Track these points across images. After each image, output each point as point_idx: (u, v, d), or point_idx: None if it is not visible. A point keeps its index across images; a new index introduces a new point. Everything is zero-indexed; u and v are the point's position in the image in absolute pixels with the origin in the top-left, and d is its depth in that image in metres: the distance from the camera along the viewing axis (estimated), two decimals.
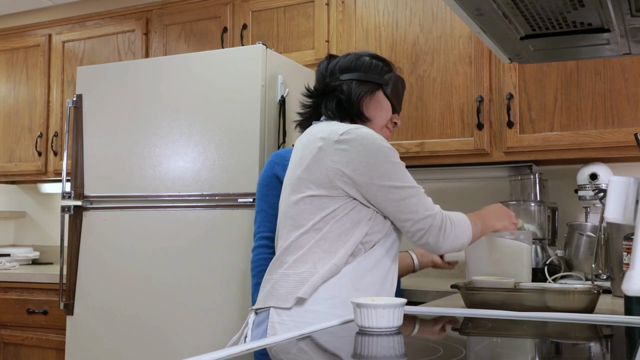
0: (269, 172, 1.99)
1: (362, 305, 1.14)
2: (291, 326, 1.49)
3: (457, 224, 1.59)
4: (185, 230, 2.49)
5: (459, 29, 2.67)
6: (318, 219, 1.55)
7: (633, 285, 1.34)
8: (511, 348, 1.11)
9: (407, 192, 1.53)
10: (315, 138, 1.58)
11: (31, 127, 3.66)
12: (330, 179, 1.53)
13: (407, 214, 1.53)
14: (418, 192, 1.55)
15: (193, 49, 3.22)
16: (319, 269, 1.53)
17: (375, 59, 1.69)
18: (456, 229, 1.58)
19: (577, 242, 2.43)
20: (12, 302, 3.15)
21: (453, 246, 1.59)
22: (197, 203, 2.48)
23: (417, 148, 2.69)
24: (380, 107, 1.67)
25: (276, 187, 1.95)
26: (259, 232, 1.97)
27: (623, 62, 2.41)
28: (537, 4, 1.22)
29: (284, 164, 1.95)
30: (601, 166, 2.48)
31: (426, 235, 1.54)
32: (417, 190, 1.55)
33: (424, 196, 1.56)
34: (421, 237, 1.54)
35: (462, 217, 1.62)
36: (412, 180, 1.56)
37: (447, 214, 1.58)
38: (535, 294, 1.62)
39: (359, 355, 1.03)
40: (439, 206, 1.59)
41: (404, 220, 1.54)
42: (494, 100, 2.60)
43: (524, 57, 1.56)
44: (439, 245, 1.56)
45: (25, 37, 3.74)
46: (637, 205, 1.45)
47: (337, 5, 2.90)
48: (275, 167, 1.99)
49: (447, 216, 1.57)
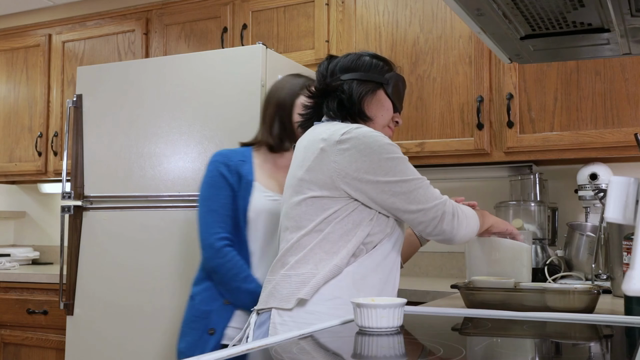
0: (214, 172, 1.96)
1: (362, 305, 1.14)
2: (293, 327, 1.49)
3: (465, 210, 1.62)
4: (185, 230, 2.49)
5: (459, 29, 2.67)
6: (320, 220, 1.55)
7: (633, 285, 1.35)
8: (511, 348, 1.11)
9: (415, 183, 1.54)
10: (316, 139, 1.58)
11: (31, 127, 3.66)
12: (332, 179, 1.53)
13: (418, 204, 1.53)
14: (424, 183, 1.56)
15: (193, 49, 3.22)
16: (320, 269, 1.53)
17: (375, 59, 1.69)
18: (467, 215, 1.61)
19: (577, 242, 2.44)
20: (12, 302, 3.15)
21: (466, 233, 1.60)
22: (197, 203, 2.48)
23: (417, 148, 2.69)
24: (382, 106, 1.67)
25: (223, 187, 1.94)
26: (215, 232, 1.91)
27: (623, 62, 2.41)
28: (537, 4, 1.22)
29: (229, 163, 1.95)
30: (601, 166, 2.48)
31: (440, 222, 1.54)
32: (423, 182, 1.56)
33: (431, 187, 1.57)
34: (435, 225, 1.55)
35: (467, 207, 1.66)
36: (417, 173, 1.57)
37: (455, 204, 1.61)
38: (535, 294, 1.62)
39: (359, 355, 1.03)
40: (447, 196, 1.61)
41: (416, 212, 1.54)
42: (494, 100, 2.60)
43: (524, 57, 1.56)
44: (454, 232, 1.57)
45: (25, 37, 3.75)
46: (637, 205, 1.45)
47: (337, 5, 2.90)
48: (221, 167, 1.96)
49: (457, 205, 1.60)
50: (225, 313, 1.93)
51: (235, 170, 1.96)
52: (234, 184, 1.95)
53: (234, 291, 1.91)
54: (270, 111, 2.04)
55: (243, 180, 1.95)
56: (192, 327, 1.96)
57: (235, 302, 1.93)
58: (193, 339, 1.94)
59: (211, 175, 1.97)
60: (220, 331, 1.92)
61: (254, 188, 1.95)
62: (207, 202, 1.95)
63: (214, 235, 1.91)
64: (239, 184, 1.95)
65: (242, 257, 1.93)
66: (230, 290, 1.92)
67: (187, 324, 1.98)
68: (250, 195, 1.94)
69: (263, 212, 1.95)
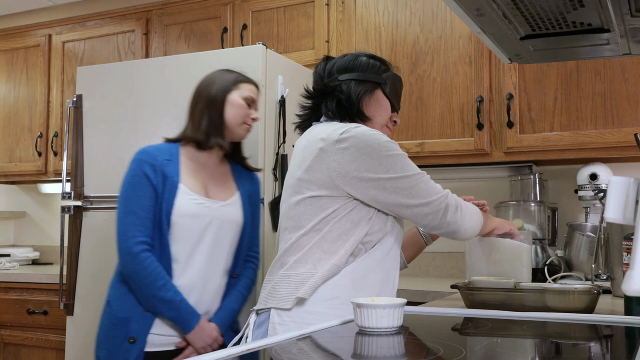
0: (138, 171, 1.87)
1: (362, 306, 1.14)
2: (292, 327, 1.49)
3: (468, 205, 1.63)
4: None
5: (459, 29, 2.67)
6: (318, 220, 1.55)
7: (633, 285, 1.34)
8: (511, 348, 1.11)
9: (416, 178, 1.54)
10: (315, 139, 1.58)
11: (31, 127, 3.66)
12: (332, 179, 1.53)
13: (421, 198, 1.54)
14: (425, 178, 1.57)
15: (193, 49, 3.22)
16: (319, 269, 1.53)
17: (372, 59, 1.70)
18: (470, 209, 1.61)
19: (577, 242, 2.43)
20: (12, 302, 3.15)
21: (470, 226, 1.61)
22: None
23: (417, 148, 2.69)
24: (380, 105, 1.68)
25: (145, 188, 1.85)
26: (133, 236, 1.83)
27: (623, 62, 2.41)
28: (537, 4, 1.22)
29: (154, 163, 1.88)
30: (601, 166, 2.48)
31: (444, 214, 1.55)
32: (424, 176, 1.57)
33: (432, 181, 1.58)
34: (440, 218, 1.55)
35: (469, 203, 1.66)
36: (417, 168, 1.57)
37: (456, 196, 1.61)
38: (535, 294, 1.62)
39: (359, 355, 1.03)
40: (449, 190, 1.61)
41: (419, 206, 1.54)
42: (494, 100, 2.60)
43: (524, 57, 1.56)
44: (459, 224, 1.57)
45: (25, 37, 3.75)
46: (637, 205, 1.45)
47: (337, 5, 2.90)
48: (145, 166, 1.87)
49: (458, 197, 1.61)
50: (146, 320, 1.86)
51: (160, 171, 1.88)
52: (158, 185, 1.86)
53: (150, 299, 1.84)
54: (200, 107, 1.97)
55: (168, 181, 1.87)
56: (111, 335, 1.87)
57: (152, 310, 1.85)
58: (113, 347, 1.85)
59: (133, 175, 1.88)
60: (143, 339, 1.85)
61: (179, 190, 1.88)
62: (126, 203, 1.87)
63: (131, 239, 1.83)
64: (163, 185, 1.87)
65: (163, 262, 1.85)
66: (146, 298, 1.84)
67: (105, 331, 1.89)
68: (174, 197, 1.86)
69: (187, 216, 1.87)
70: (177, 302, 1.84)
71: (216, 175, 2.00)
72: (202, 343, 1.88)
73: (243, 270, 2.02)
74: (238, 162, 2.08)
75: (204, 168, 1.97)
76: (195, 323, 1.86)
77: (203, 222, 1.90)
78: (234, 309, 1.98)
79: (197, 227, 1.89)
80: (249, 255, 2.04)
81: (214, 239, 1.92)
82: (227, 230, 1.95)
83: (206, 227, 1.90)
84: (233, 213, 1.97)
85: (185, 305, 1.85)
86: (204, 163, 1.98)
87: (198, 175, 1.95)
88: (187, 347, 1.89)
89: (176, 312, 1.84)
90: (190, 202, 1.88)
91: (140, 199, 1.85)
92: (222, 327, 1.93)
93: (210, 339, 1.89)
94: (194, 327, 1.86)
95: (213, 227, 1.92)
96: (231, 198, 1.99)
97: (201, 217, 1.90)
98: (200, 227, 1.90)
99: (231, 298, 1.98)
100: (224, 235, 1.95)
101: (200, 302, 1.91)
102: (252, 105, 2.01)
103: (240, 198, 2.02)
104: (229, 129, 1.97)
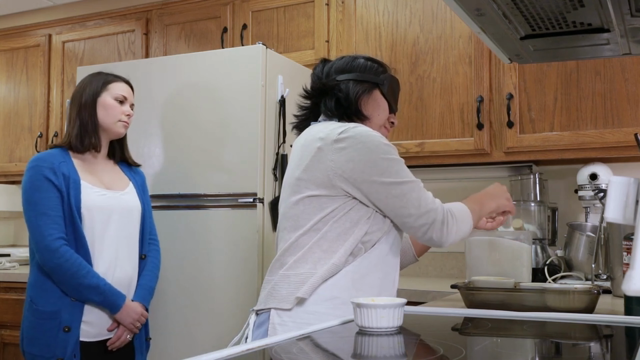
0: (39, 176, 1.98)
1: (362, 305, 1.14)
2: (292, 327, 1.49)
3: (458, 216, 1.59)
4: (185, 230, 2.49)
5: (459, 29, 2.67)
6: (317, 219, 1.55)
7: (633, 285, 1.35)
8: (511, 348, 1.11)
9: (408, 186, 1.54)
10: (314, 139, 1.58)
11: (31, 127, 3.66)
12: (330, 178, 1.54)
13: (410, 208, 1.53)
14: (418, 186, 1.56)
15: (193, 49, 3.22)
16: (318, 269, 1.53)
17: (370, 61, 1.71)
18: (458, 222, 1.58)
19: (577, 242, 2.44)
20: (12, 302, 3.15)
21: (456, 239, 1.59)
22: (197, 203, 2.48)
23: (417, 148, 2.69)
24: (378, 106, 1.68)
25: (50, 190, 1.97)
26: (50, 234, 1.94)
27: (623, 62, 2.41)
28: (537, 4, 1.22)
29: (52, 166, 2.00)
30: (601, 166, 2.48)
31: (430, 230, 1.54)
32: (417, 185, 1.55)
33: (424, 190, 1.56)
34: (425, 232, 1.54)
35: (462, 207, 1.62)
36: (411, 175, 1.56)
37: (447, 208, 1.58)
38: (535, 294, 1.62)
39: (359, 355, 1.03)
40: (439, 200, 1.59)
41: (407, 216, 1.54)
42: (494, 100, 2.60)
43: (524, 57, 1.56)
44: (443, 240, 1.56)
45: (25, 37, 3.75)
46: (637, 205, 1.45)
47: (337, 6, 2.90)
48: (45, 171, 1.99)
49: (448, 210, 1.57)
50: (76, 309, 1.99)
51: (60, 172, 2.00)
52: (61, 185, 1.99)
53: (76, 288, 1.97)
54: (73, 114, 2.11)
55: (70, 180, 2.01)
56: (43, 330, 1.97)
57: (80, 298, 1.98)
58: (48, 339, 1.96)
59: (34, 180, 1.99)
60: (77, 327, 1.98)
61: (82, 186, 2.03)
62: (35, 207, 1.98)
63: (48, 237, 1.95)
64: (67, 185, 2.00)
65: (81, 254, 1.99)
66: (72, 287, 1.97)
67: (34, 327, 1.99)
68: (80, 193, 2.01)
69: (94, 208, 2.03)
70: (102, 287, 1.99)
71: (107, 170, 2.16)
72: (130, 319, 2.05)
73: (149, 252, 2.19)
74: (122, 159, 2.22)
75: (94, 166, 2.12)
76: (122, 303, 2.03)
77: (108, 211, 2.06)
78: (151, 286, 2.17)
79: (105, 217, 2.05)
80: (150, 238, 2.22)
81: (120, 225, 2.09)
82: (130, 216, 2.13)
83: (112, 215, 2.07)
84: (133, 200, 2.15)
85: (110, 288, 2.01)
86: (93, 162, 2.12)
87: (92, 172, 2.11)
88: (118, 327, 2.05)
89: (102, 295, 1.99)
90: (95, 194, 2.05)
91: (47, 200, 1.97)
92: (144, 304, 2.12)
93: (136, 315, 2.07)
94: (122, 307, 2.03)
95: (118, 215, 2.09)
96: (127, 187, 2.17)
97: (106, 207, 2.06)
98: (107, 216, 2.05)
99: (146, 277, 2.16)
100: (128, 221, 2.12)
101: (119, 283, 2.05)
102: (124, 102, 2.14)
103: (135, 187, 2.19)
104: (106, 129, 2.12)
